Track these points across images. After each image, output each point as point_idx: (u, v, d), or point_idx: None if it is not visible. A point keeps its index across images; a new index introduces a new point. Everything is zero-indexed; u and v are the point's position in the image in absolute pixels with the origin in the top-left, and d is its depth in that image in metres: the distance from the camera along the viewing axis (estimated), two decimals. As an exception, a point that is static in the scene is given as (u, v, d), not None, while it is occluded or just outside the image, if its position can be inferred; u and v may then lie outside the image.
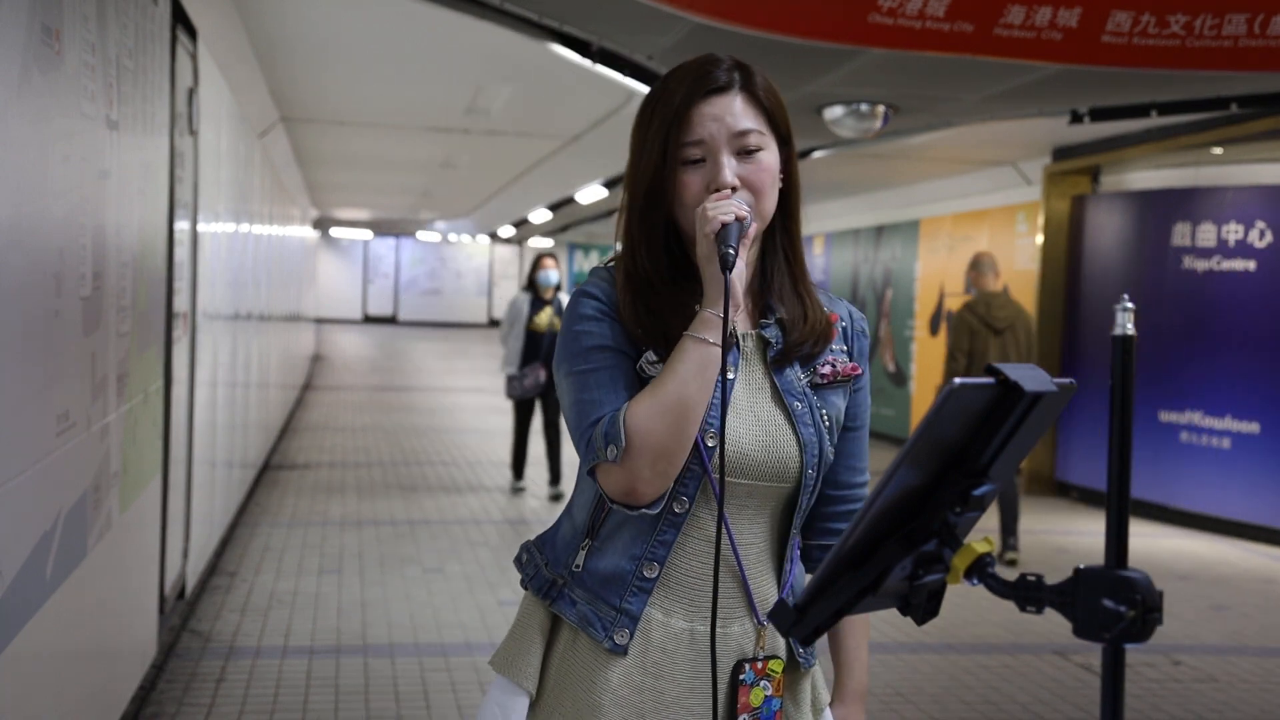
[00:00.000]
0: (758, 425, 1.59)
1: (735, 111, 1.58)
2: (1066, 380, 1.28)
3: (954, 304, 11.74)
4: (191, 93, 4.99)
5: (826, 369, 1.66)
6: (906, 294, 12.75)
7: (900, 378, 12.91)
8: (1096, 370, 9.21)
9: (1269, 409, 8.17)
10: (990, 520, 7.15)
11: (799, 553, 1.72)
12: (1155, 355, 8.66)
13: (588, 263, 24.72)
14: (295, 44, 6.77)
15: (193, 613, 5.35)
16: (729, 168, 1.57)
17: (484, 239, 32.83)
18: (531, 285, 8.67)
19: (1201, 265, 8.57)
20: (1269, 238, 8.21)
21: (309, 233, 19.61)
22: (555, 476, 8.67)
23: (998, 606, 5.76)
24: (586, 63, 6.00)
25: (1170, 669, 5.13)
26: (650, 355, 1.57)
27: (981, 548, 1.27)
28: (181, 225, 4.76)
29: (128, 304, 3.52)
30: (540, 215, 17.28)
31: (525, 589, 1.67)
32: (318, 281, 25.28)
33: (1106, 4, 5.11)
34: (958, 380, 1.17)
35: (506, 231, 27.10)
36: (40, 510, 2.59)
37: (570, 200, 14.35)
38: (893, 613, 1.33)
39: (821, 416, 1.63)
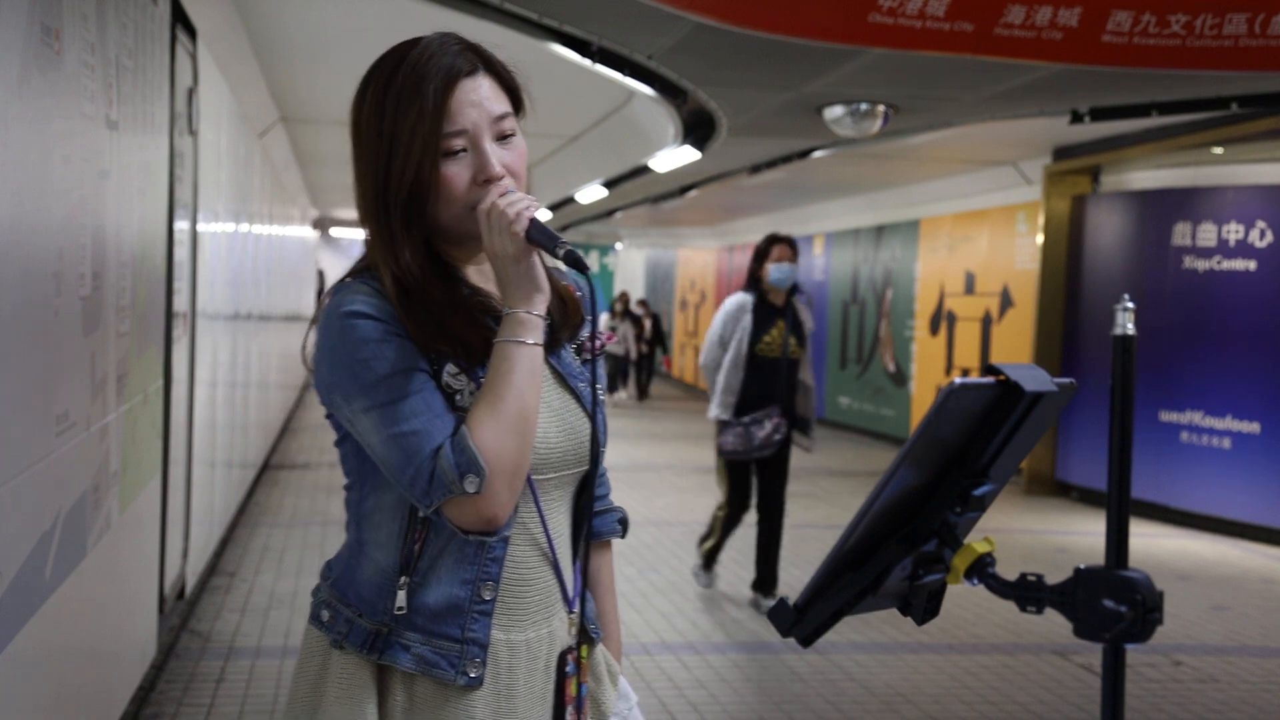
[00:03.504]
0: (555, 416, 1.53)
1: (489, 96, 1.50)
2: (1066, 380, 1.28)
3: (954, 304, 11.74)
4: (191, 92, 4.99)
5: (596, 343, 1.63)
6: (906, 294, 12.75)
7: (900, 378, 12.90)
8: (1096, 370, 9.21)
9: (1269, 409, 8.17)
10: (987, 520, 7.15)
11: None
12: (1155, 355, 8.66)
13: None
14: (295, 44, 6.77)
15: (192, 613, 5.35)
16: (495, 156, 1.49)
17: (484, 239, 32.77)
18: (755, 284, 5.85)
19: (1202, 265, 8.57)
20: (1269, 237, 8.21)
21: (309, 233, 19.61)
22: (771, 580, 5.85)
23: (998, 606, 5.76)
24: (586, 62, 6.00)
25: (1171, 669, 5.13)
26: (451, 369, 1.46)
27: (982, 548, 1.27)
28: (181, 225, 4.76)
29: (127, 304, 3.52)
30: (540, 215, 17.38)
31: (340, 649, 1.49)
32: (318, 281, 25.25)
33: (1107, 4, 5.11)
34: (958, 380, 1.17)
35: (506, 231, 27.03)
36: (40, 510, 2.59)
37: (570, 200, 14.35)
38: (893, 613, 1.33)
39: (598, 391, 1.60)
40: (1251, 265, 8.30)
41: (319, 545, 6.82)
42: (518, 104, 1.56)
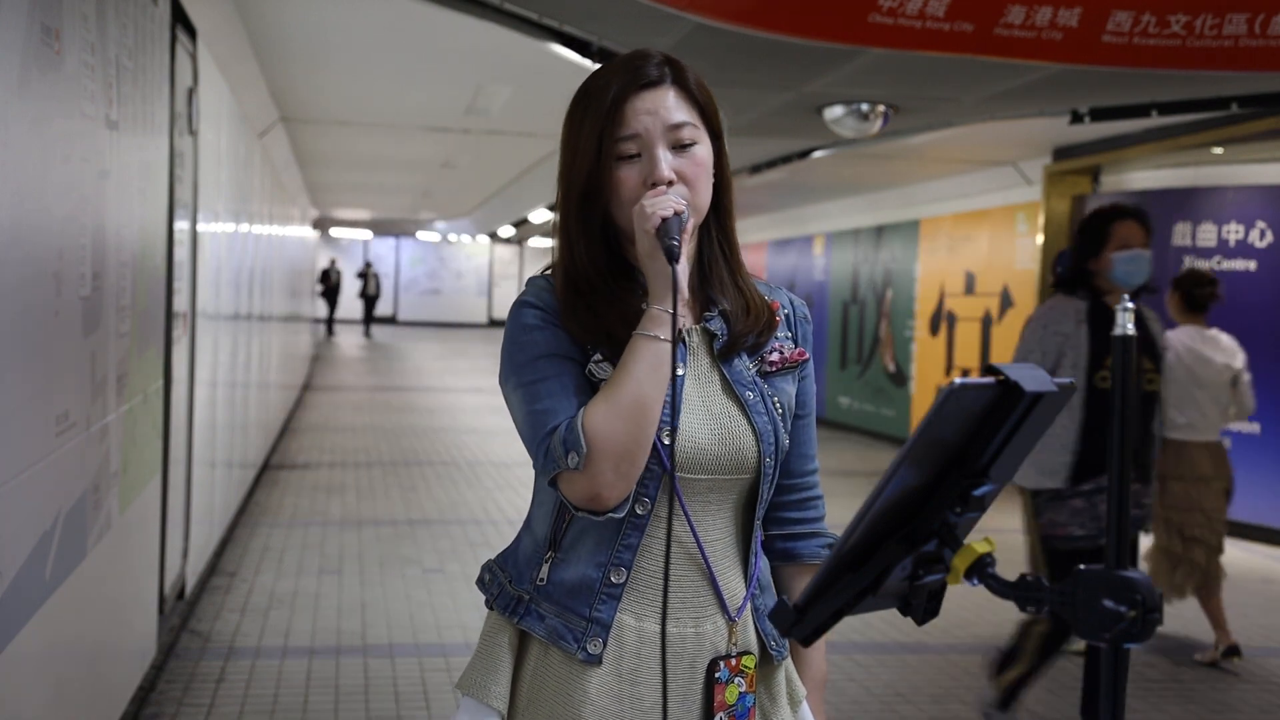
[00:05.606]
0: (710, 419, 1.57)
1: (668, 105, 1.57)
2: (1066, 380, 1.28)
3: (954, 304, 11.73)
4: (191, 92, 4.99)
5: (775, 356, 1.66)
6: (906, 294, 12.75)
7: (900, 378, 12.90)
8: (1096, 370, 9.19)
9: (1269, 409, 8.16)
10: (987, 520, 7.13)
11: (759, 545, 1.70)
12: (1155, 355, 8.65)
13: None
14: (295, 44, 6.76)
15: (192, 613, 5.35)
16: (665, 161, 1.55)
17: (484, 239, 32.81)
18: (1084, 281, 3.89)
19: (1202, 265, 8.57)
20: (1269, 238, 8.21)
21: (309, 233, 19.61)
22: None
23: (998, 606, 5.76)
24: (587, 62, 6.00)
25: (1171, 669, 5.13)
26: (597, 357, 1.55)
27: (982, 548, 1.26)
28: (181, 225, 4.76)
29: (127, 304, 3.52)
30: (540, 215, 17.35)
31: (490, 609, 1.64)
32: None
33: (1107, 4, 5.10)
34: (958, 380, 1.17)
35: (506, 231, 27.11)
36: (40, 510, 2.59)
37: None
38: (893, 613, 1.33)
39: (774, 404, 1.63)
40: (1251, 265, 8.30)
41: (319, 545, 6.82)
42: (712, 123, 1.62)
